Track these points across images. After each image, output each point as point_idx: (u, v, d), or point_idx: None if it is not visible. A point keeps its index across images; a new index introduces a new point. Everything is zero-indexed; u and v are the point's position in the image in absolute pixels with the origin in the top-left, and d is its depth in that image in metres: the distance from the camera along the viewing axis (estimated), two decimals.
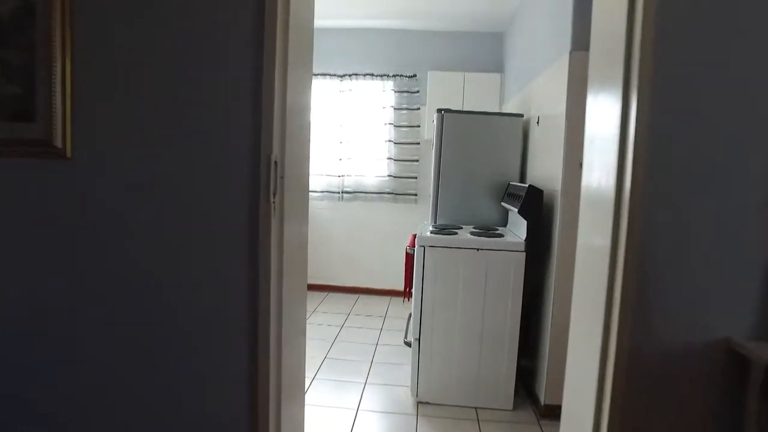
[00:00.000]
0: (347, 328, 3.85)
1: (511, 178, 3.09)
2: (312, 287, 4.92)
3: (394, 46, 4.54)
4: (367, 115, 4.55)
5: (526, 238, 2.44)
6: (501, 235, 2.61)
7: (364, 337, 3.61)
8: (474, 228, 2.89)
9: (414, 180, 4.54)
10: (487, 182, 3.10)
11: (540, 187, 2.48)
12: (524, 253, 2.43)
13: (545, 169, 2.62)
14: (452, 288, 2.47)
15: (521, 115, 3.10)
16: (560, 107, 2.34)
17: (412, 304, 2.58)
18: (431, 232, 2.62)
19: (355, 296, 4.67)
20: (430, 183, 3.24)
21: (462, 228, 2.88)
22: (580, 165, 1.62)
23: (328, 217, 4.74)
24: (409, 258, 2.73)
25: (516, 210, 2.48)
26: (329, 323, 3.87)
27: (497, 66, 4.43)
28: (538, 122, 2.83)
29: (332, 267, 4.79)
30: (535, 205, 2.44)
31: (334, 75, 4.54)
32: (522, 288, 2.44)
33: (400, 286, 4.78)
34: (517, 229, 2.68)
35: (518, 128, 3.08)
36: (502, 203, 2.97)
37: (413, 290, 2.55)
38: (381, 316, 4.08)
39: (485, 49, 4.48)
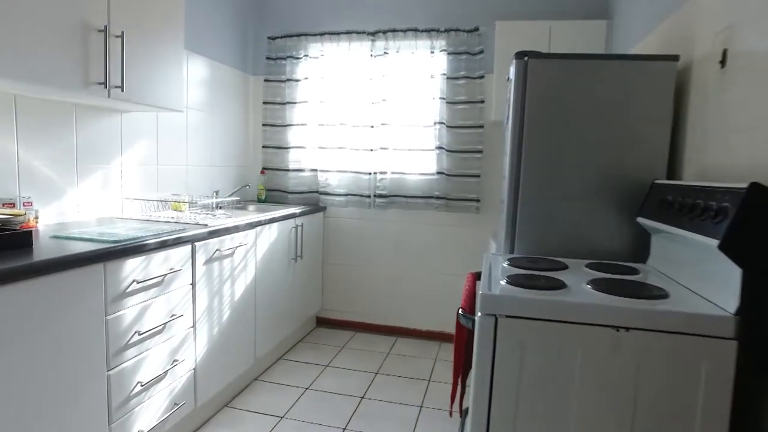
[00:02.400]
0: (378, 385, 2.58)
1: (653, 173, 1.70)
2: (331, 323, 3.73)
3: None
4: (409, 88, 3.26)
5: (739, 307, 1.06)
6: (662, 293, 1.23)
7: (402, 395, 2.32)
8: (589, 265, 1.54)
9: (476, 180, 3.19)
10: (606, 180, 1.74)
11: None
12: (735, 343, 1.05)
13: (756, 149, 1.23)
14: (560, 410, 1.14)
15: (675, 58, 1.70)
16: None
17: (469, 424, 1.26)
18: (509, 281, 1.28)
19: (390, 338, 3.39)
20: (501, 184, 1.91)
21: (565, 265, 1.53)
22: None
23: (354, 230, 3.49)
24: (463, 334, 1.41)
25: (714, 241, 1.10)
26: (353, 376, 2.63)
27: (600, 10, 3.01)
28: (723, 62, 1.43)
29: (359, 298, 3.53)
30: (762, 231, 1.05)
31: (363, 33, 3.28)
32: (727, 420, 1.06)
33: (450, 327, 3.44)
34: (698, 278, 1.29)
35: (667, 81, 1.68)
36: (641, 219, 1.59)
37: (471, 403, 1.23)
38: (424, 374, 2.77)
39: None
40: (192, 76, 2.91)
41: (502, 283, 1.27)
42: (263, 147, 3.55)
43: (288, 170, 3.49)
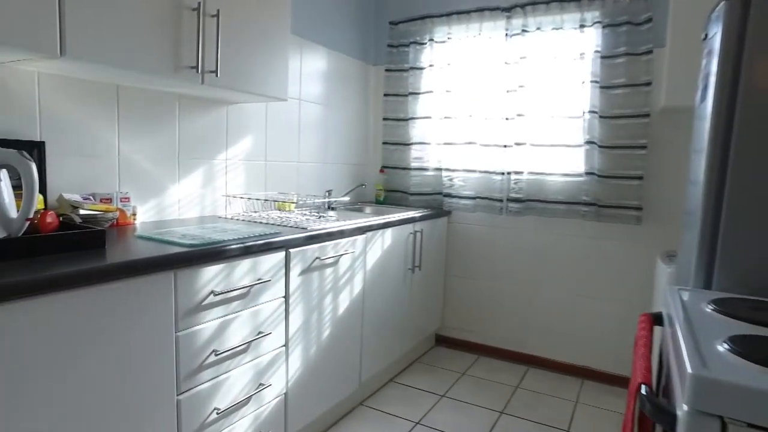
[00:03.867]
0: (503, 429, 2.11)
1: None
2: (452, 343, 3.23)
3: None
4: (551, 71, 2.70)
5: None
6: None
7: None
8: None
9: (637, 182, 2.52)
10: None
11: None
12: None
13: None
14: None
15: None
16: None
17: None
18: (736, 348, 0.75)
19: (520, 368, 2.85)
20: (684, 189, 1.33)
21: None
22: None
23: (483, 238, 3.02)
24: (647, 427, 0.88)
25: None
26: (473, 414, 2.20)
27: None
28: None
29: (486, 316, 3.05)
30: None
31: (497, 9, 2.80)
32: None
33: (597, 362, 2.70)
34: None
35: None
36: None
37: None
38: (562, 421, 2.22)
39: None
40: (307, 67, 2.71)
41: (721, 349, 0.74)
42: (383, 143, 3.25)
43: (409, 169, 3.14)
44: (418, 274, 2.77)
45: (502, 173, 2.83)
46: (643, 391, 0.77)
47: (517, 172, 2.78)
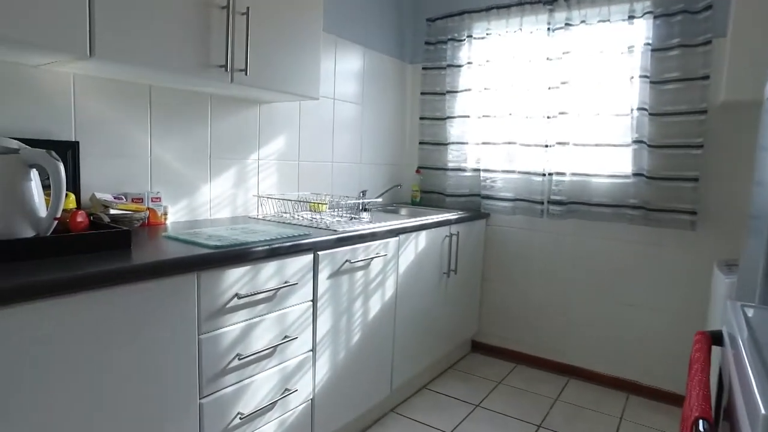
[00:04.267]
0: (545, 431, 2.01)
1: None
2: (489, 350, 3.05)
3: None
4: (596, 67, 2.55)
5: None
6: None
7: None
8: None
9: (691, 185, 2.35)
10: None
11: None
12: None
13: None
14: None
15: None
16: None
17: None
18: None
19: (560, 379, 2.71)
20: (748, 192, 1.19)
21: None
22: None
23: (522, 242, 2.89)
24: None
25: None
26: (509, 427, 2.09)
27: None
28: None
29: (525, 323, 2.92)
30: None
31: (539, 2, 2.67)
32: None
33: (644, 377, 2.50)
34: None
35: None
36: None
37: None
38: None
39: None
40: (342, 65, 2.67)
41: None
42: (420, 143, 3.17)
43: (446, 169, 3.05)
44: (454, 278, 2.67)
45: (543, 174, 2.70)
46: (701, 428, 0.66)
47: (559, 173, 2.64)
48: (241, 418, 1.48)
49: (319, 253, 1.72)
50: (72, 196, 1.47)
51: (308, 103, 2.48)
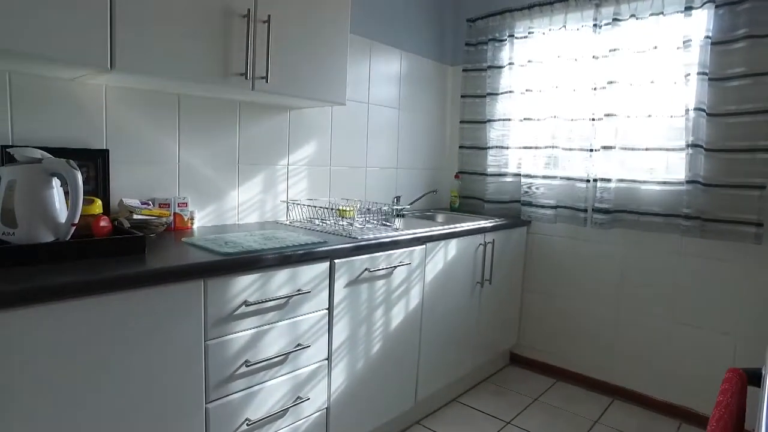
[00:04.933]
0: None
1: None
2: (528, 363, 2.87)
3: None
4: (647, 65, 2.36)
5: None
6: None
7: None
8: None
9: (756, 193, 2.11)
10: None
11: None
12: None
13: None
14: None
15: None
16: None
17: None
18: None
19: (603, 399, 2.53)
20: None
21: None
22: None
23: (565, 252, 2.74)
24: None
25: None
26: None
27: None
28: None
29: (566, 337, 2.76)
30: None
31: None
32: None
33: (699, 404, 2.42)
34: None
35: None
36: None
37: None
38: None
39: None
40: (377, 69, 2.64)
41: None
42: (459, 147, 3.09)
43: (485, 174, 2.94)
44: (489, 288, 2.57)
45: (588, 180, 2.54)
46: None
47: (604, 179, 2.47)
48: (248, 425, 1.49)
49: (336, 261, 1.71)
50: (98, 202, 1.54)
51: (340, 108, 2.47)
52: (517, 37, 2.77)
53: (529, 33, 2.71)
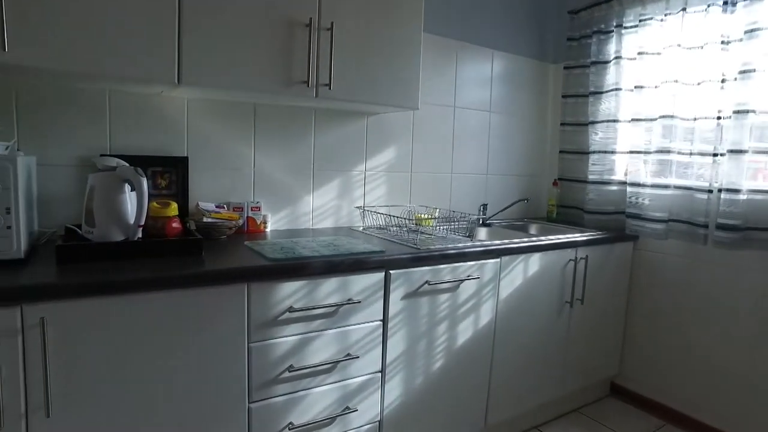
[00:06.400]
0: None
1: None
2: (631, 398, 2.53)
3: None
4: None
5: None
6: None
7: None
8: None
9: None
10: None
11: None
12: None
13: None
14: None
15: None
16: None
17: None
18: None
19: None
20: None
21: None
22: None
23: (679, 274, 2.36)
24: None
25: None
26: None
27: None
28: None
29: (681, 373, 2.38)
30: None
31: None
32: None
33: None
34: None
35: None
36: None
37: None
38: None
39: None
40: (464, 71, 2.53)
41: None
42: (560, 152, 2.83)
43: (585, 182, 2.66)
44: (581, 308, 2.31)
45: (709, 190, 2.15)
46: None
47: (731, 190, 2.07)
48: (290, 429, 1.50)
49: (392, 272, 1.65)
50: (174, 205, 1.67)
51: (423, 112, 2.41)
52: (626, 27, 2.45)
53: (640, 20, 2.38)
